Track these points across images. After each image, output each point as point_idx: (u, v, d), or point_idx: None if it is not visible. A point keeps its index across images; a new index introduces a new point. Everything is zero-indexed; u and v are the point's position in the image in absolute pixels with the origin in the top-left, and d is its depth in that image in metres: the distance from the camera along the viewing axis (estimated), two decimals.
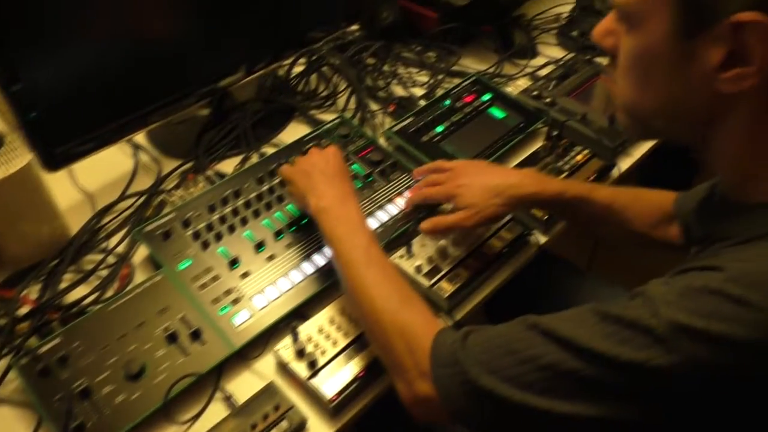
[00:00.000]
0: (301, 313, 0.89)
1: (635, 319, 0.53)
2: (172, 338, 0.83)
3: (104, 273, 0.94)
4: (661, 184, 2.12)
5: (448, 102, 1.18)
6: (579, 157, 1.08)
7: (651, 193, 0.95)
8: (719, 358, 0.50)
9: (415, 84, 1.28)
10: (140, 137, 1.17)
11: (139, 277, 0.94)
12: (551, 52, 1.36)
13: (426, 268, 0.92)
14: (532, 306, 1.15)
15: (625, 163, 1.10)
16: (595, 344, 0.54)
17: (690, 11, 0.53)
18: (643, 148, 1.14)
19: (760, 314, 0.49)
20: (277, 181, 1.02)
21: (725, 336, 0.50)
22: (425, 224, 0.90)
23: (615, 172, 1.09)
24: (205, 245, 0.93)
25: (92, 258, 0.96)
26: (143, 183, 1.09)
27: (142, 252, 0.98)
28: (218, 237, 0.95)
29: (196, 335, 0.83)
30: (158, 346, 0.82)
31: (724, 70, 0.53)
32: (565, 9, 1.45)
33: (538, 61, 1.34)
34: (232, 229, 0.96)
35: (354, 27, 1.37)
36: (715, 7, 0.51)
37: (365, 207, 1.00)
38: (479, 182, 0.90)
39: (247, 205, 0.99)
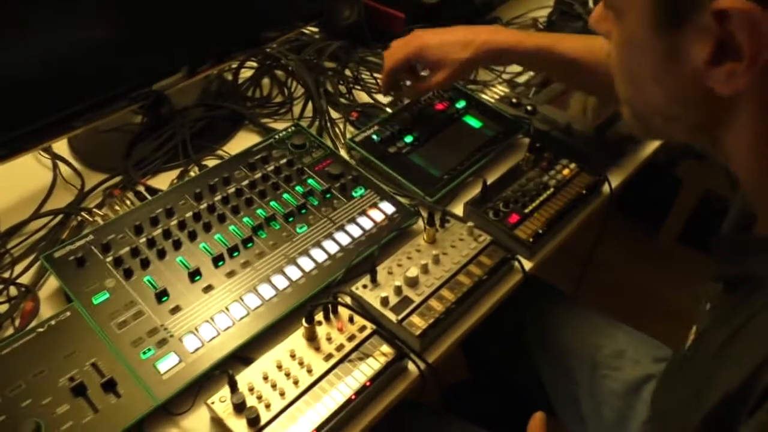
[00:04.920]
0: (242, 356, 0.74)
1: None
2: (78, 390, 0.67)
3: (3, 308, 0.77)
4: (642, 199, 2.04)
5: (417, 109, 1.04)
6: (566, 172, 0.95)
7: None
8: None
9: (380, 90, 1.14)
10: (61, 146, 1.01)
11: (48, 312, 0.78)
12: None
13: (393, 301, 0.78)
14: (515, 338, 1.04)
15: (616, 178, 0.98)
16: None
17: None
18: (636, 160, 1.02)
19: None
20: (218, 197, 0.87)
21: None
22: (408, 94, 0.98)
23: (606, 188, 0.96)
24: (129, 274, 0.78)
25: None
26: (62, 200, 0.93)
27: (53, 282, 0.81)
28: (145, 264, 0.79)
29: (109, 386, 0.68)
30: (60, 401, 0.66)
31: (714, 66, 0.44)
32: (543, 13, 1.34)
33: (515, 67, 1.21)
34: (162, 254, 0.80)
35: (313, 28, 1.24)
36: None
37: (322, 228, 0.85)
38: (442, 38, 0.90)
39: (182, 225, 0.83)
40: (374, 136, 0.99)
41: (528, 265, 0.86)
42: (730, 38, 0.42)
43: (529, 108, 1.06)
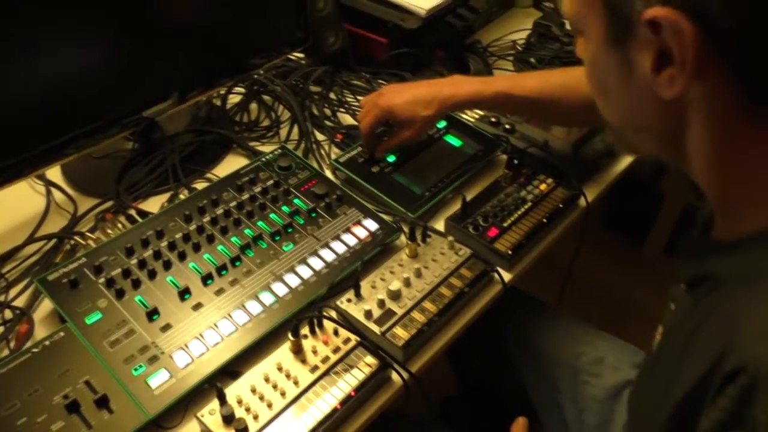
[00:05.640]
0: (231, 370, 0.76)
1: None
2: (72, 407, 0.69)
3: None
4: (627, 214, 2.08)
5: None
6: (543, 187, 0.99)
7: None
8: None
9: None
10: (54, 173, 1.04)
11: (42, 333, 0.80)
12: None
13: (377, 313, 0.80)
14: (499, 348, 1.06)
15: (592, 192, 1.02)
16: None
17: (613, 15, 0.49)
18: (611, 175, 1.06)
19: None
20: (207, 218, 0.90)
21: None
22: (377, 152, 1.01)
23: (582, 202, 1.00)
24: (120, 294, 0.80)
25: None
26: (55, 225, 0.96)
27: (47, 305, 0.84)
28: (136, 284, 0.82)
29: (102, 402, 0.70)
30: (55, 418, 0.68)
31: (658, 73, 0.48)
32: (522, 35, 1.38)
33: None
34: (152, 274, 0.83)
35: (299, 54, 1.29)
36: (628, 6, 0.47)
37: (308, 245, 0.88)
38: (407, 97, 0.95)
39: (172, 246, 0.86)
40: (358, 157, 1.03)
41: (507, 276, 0.89)
42: (666, 46, 0.45)
43: (507, 126, 1.10)
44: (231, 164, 1.07)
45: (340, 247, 0.89)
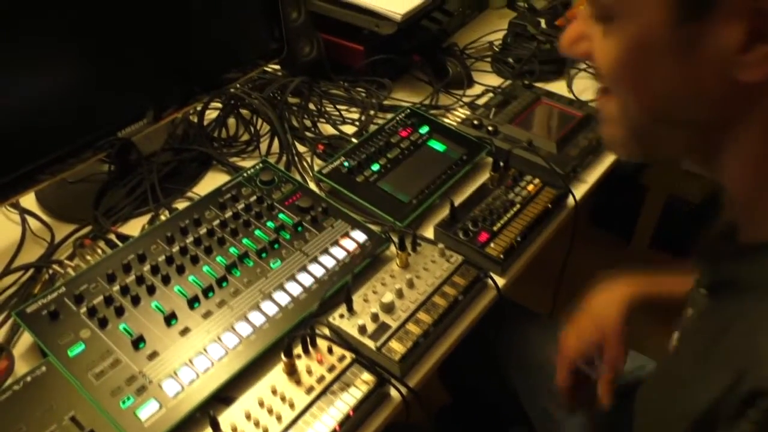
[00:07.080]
0: (224, 396, 0.73)
1: None
2: None
3: None
4: (613, 209, 2.08)
5: (382, 138, 1.06)
6: (530, 188, 0.97)
7: None
8: None
9: (345, 122, 1.16)
10: (29, 200, 1.01)
11: (23, 369, 0.77)
12: (487, 80, 1.28)
13: (371, 328, 0.78)
14: (489, 361, 1.04)
15: (579, 190, 1.01)
16: None
17: None
18: (597, 172, 1.05)
19: None
20: (190, 239, 0.87)
21: None
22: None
23: (570, 201, 0.99)
24: (103, 323, 0.77)
25: None
26: (33, 254, 0.92)
27: (27, 338, 0.81)
28: (119, 312, 0.79)
29: None
30: None
31: (746, 52, 0.42)
32: (498, 36, 1.37)
33: (475, 90, 1.25)
34: (136, 300, 0.80)
35: (275, 66, 1.26)
36: None
37: (296, 261, 0.86)
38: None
39: (155, 270, 0.83)
40: (341, 167, 1.01)
41: (501, 281, 0.87)
42: (762, 20, 0.40)
43: (490, 128, 1.09)
44: (212, 182, 1.04)
45: (329, 261, 0.87)
